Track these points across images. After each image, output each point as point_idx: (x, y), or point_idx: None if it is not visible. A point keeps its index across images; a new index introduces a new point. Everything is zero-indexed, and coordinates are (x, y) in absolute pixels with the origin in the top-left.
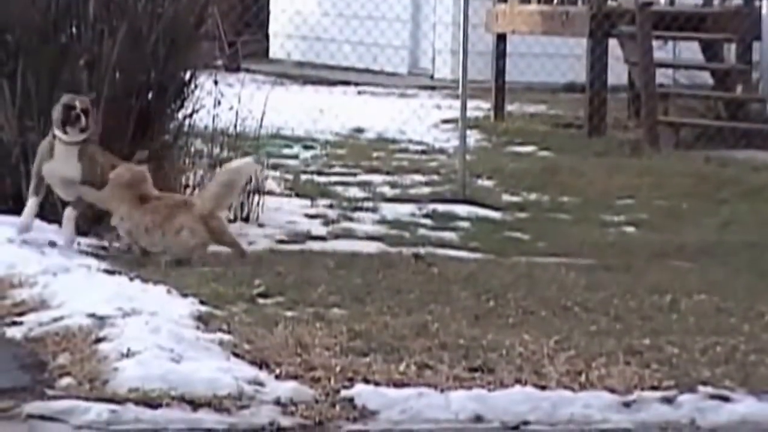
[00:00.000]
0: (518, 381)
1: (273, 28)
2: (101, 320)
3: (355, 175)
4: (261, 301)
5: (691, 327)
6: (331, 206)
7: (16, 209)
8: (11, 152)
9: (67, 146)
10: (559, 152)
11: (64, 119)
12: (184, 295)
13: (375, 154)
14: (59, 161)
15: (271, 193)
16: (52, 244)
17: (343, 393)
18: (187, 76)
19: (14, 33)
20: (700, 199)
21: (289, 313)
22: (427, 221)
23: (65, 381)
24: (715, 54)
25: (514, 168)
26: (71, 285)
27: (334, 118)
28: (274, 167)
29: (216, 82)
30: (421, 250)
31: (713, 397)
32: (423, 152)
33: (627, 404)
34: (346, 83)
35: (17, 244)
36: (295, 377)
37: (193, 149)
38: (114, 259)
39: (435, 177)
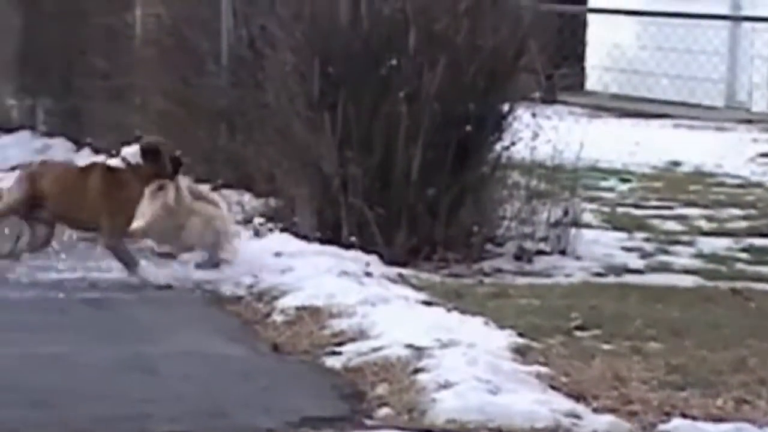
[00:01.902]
0: None
1: (590, 60)
2: (419, 351)
3: (671, 208)
4: (578, 333)
5: None
6: (647, 239)
7: (336, 240)
8: (331, 183)
9: None
10: None
11: None
12: (502, 327)
13: (691, 188)
14: None
15: (588, 225)
16: (369, 274)
17: (661, 427)
18: (506, 108)
19: (336, 65)
20: None
21: (605, 346)
22: (744, 255)
23: (384, 411)
24: None
25: None
26: (390, 315)
27: (650, 151)
28: (591, 200)
29: (534, 115)
30: (738, 285)
31: None
32: (740, 186)
33: None
34: (663, 116)
35: (336, 274)
36: (612, 411)
37: (510, 181)
38: (432, 290)
39: (752, 211)
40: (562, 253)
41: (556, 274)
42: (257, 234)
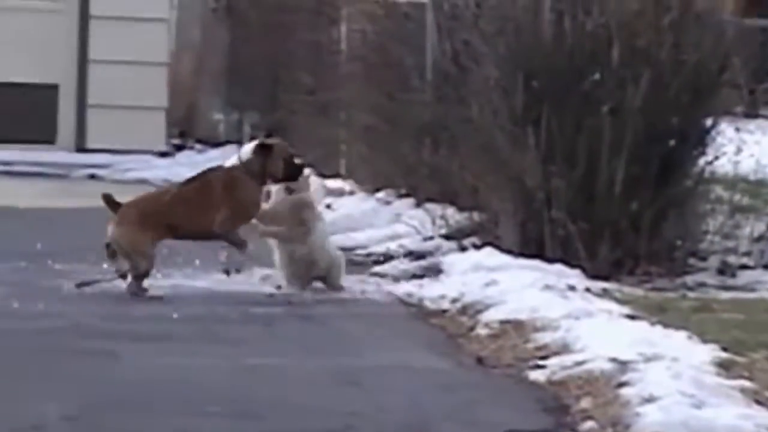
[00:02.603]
0: None
1: None
2: (623, 365)
3: None
4: None
5: None
6: None
7: (540, 253)
8: (534, 197)
9: None
10: None
11: None
12: (705, 341)
13: None
14: None
15: None
16: (572, 288)
17: None
18: (709, 122)
19: (540, 80)
20: None
21: None
22: None
23: (588, 425)
24: None
25: None
26: (593, 329)
27: None
28: None
29: (737, 129)
30: None
31: None
32: None
33: None
34: None
35: (540, 288)
36: None
37: (713, 195)
38: (635, 304)
39: None
40: (766, 267)
41: (759, 289)
42: (461, 248)
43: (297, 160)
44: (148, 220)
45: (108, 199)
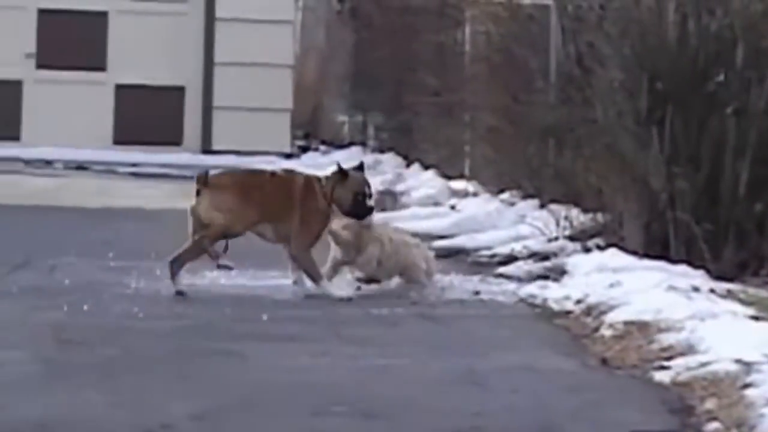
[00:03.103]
0: None
1: None
2: (748, 366)
3: None
4: None
5: None
6: None
7: (664, 255)
8: (659, 199)
9: None
10: None
11: None
12: None
13: None
14: None
15: None
16: (696, 289)
17: None
18: None
19: (664, 81)
20: None
21: None
22: None
23: (712, 426)
24: None
25: None
26: (718, 330)
27: None
28: None
29: None
30: None
31: None
32: None
33: None
34: None
35: (664, 289)
36: None
37: None
38: (760, 306)
39: None
40: None
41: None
42: (585, 249)
43: (369, 201)
44: (243, 191)
45: (201, 178)
